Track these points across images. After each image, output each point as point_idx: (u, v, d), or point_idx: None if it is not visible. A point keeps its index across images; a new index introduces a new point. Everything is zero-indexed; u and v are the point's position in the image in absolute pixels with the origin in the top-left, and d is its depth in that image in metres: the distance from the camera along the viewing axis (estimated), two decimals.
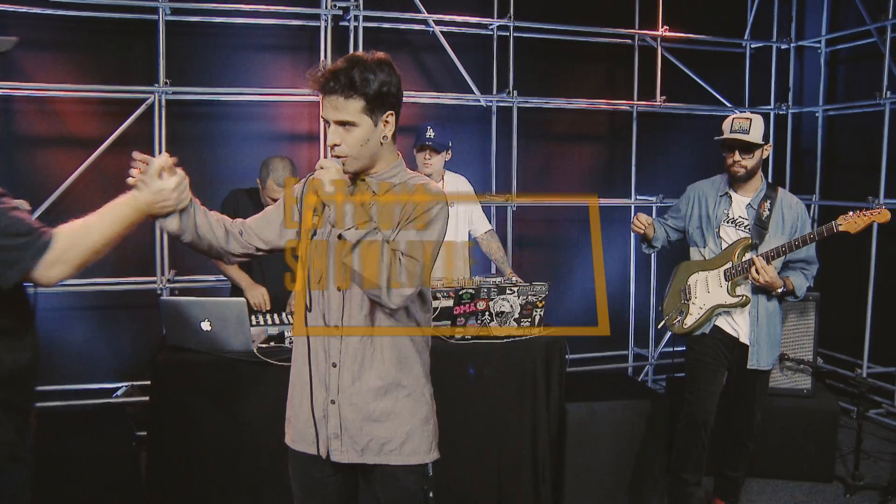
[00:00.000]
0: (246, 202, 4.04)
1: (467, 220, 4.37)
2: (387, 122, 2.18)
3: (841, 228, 3.32)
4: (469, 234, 4.42)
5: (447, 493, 3.53)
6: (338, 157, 2.16)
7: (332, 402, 2.25)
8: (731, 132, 3.46)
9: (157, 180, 2.09)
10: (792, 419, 4.32)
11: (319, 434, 2.27)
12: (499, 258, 4.40)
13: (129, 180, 2.10)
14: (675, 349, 5.46)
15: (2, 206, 1.89)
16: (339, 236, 2.09)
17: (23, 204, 2.03)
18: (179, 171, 2.14)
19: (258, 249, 2.44)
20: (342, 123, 2.12)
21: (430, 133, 4.13)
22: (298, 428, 2.34)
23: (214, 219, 2.34)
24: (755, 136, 3.41)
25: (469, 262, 4.41)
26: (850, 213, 3.35)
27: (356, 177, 2.26)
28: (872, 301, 5.31)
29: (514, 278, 3.99)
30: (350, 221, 2.08)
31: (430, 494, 2.35)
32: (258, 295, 3.94)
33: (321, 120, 4.92)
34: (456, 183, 4.36)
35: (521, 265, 4.45)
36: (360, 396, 2.24)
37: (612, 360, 5.92)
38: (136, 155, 2.11)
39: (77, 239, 1.97)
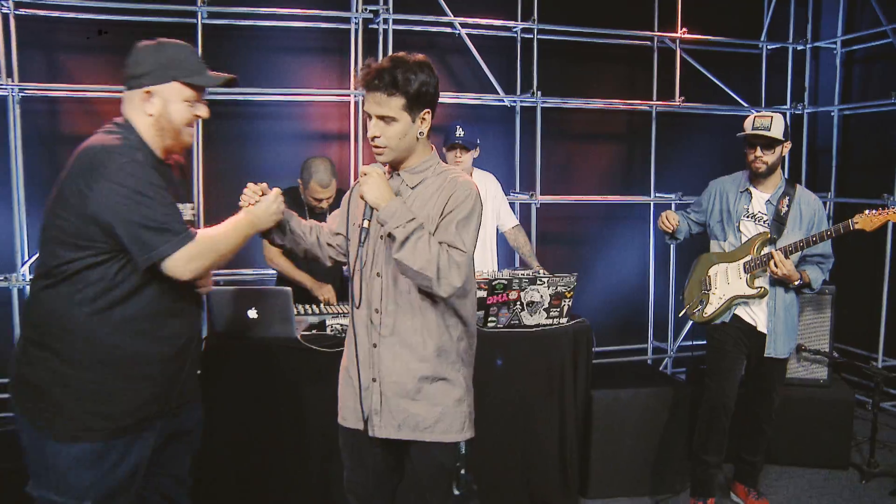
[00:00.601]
0: (287, 202, 4.20)
1: (495, 215, 4.53)
2: (423, 119, 2.37)
3: (857, 226, 3.46)
4: (496, 229, 4.59)
5: (478, 474, 3.68)
6: (376, 147, 2.36)
7: (374, 379, 2.44)
8: (752, 129, 3.61)
9: (263, 199, 2.41)
10: (809, 408, 4.46)
11: (364, 410, 2.46)
12: (526, 252, 4.57)
13: (241, 203, 2.41)
14: (695, 342, 5.64)
15: (160, 199, 2.18)
16: (389, 235, 2.28)
17: (186, 208, 2.39)
18: (275, 189, 2.45)
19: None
20: (383, 118, 2.31)
21: (460, 132, 4.30)
22: (346, 405, 2.54)
23: (307, 226, 2.64)
24: (776, 132, 3.57)
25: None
26: (867, 211, 3.49)
27: (393, 170, 2.46)
28: (888, 295, 5.44)
29: (541, 271, 4.16)
30: (398, 220, 2.26)
31: (462, 471, 2.49)
32: (326, 291, 4.11)
33: (352, 118, 5.19)
34: (485, 180, 4.52)
35: (544, 260, 4.59)
36: (399, 376, 2.43)
37: (632, 353, 6.06)
38: (250, 186, 2.44)
39: (214, 244, 2.28)
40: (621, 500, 4.03)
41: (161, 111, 2.30)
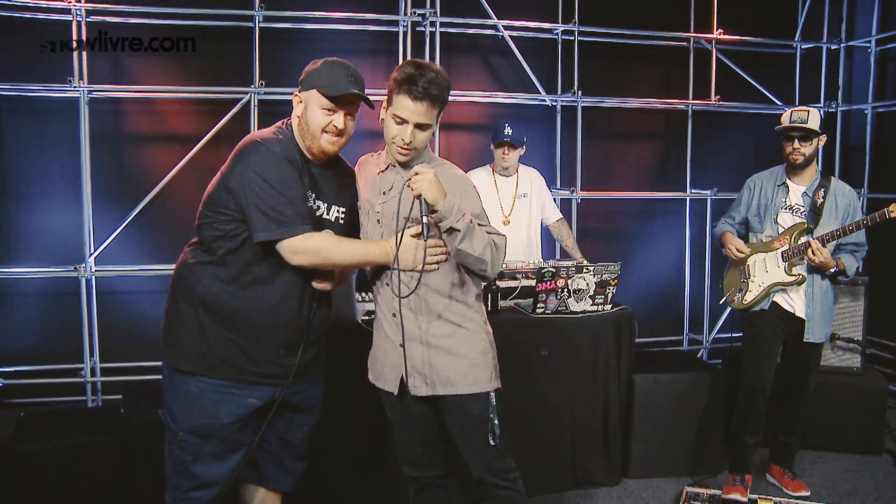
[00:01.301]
0: None
1: (540, 208, 4.74)
2: (437, 121, 2.64)
3: (893, 214, 3.63)
4: (542, 222, 4.80)
5: (526, 453, 3.92)
6: (406, 149, 2.57)
7: (401, 345, 2.66)
8: (790, 122, 3.79)
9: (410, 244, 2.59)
10: (843, 395, 4.61)
11: (399, 374, 2.72)
12: (569, 244, 4.77)
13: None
14: (732, 335, 5.81)
15: (283, 190, 2.48)
16: (449, 229, 2.49)
17: (333, 209, 2.70)
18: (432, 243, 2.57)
19: None
20: (421, 125, 2.54)
21: (508, 130, 4.50)
22: (382, 371, 2.80)
23: None
24: (813, 124, 3.75)
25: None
26: None
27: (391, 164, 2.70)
28: None
29: (584, 262, 4.36)
30: (457, 216, 2.48)
31: (496, 421, 2.69)
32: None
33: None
34: (530, 175, 4.74)
35: (584, 253, 4.79)
36: (426, 339, 2.67)
37: (668, 344, 6.22)
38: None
39: (325, 249, 2.55)
40: (660, 480, 4.21)
41: (303, 114, 2.58)
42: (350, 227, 2.78)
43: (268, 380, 2.64)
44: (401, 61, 5.35)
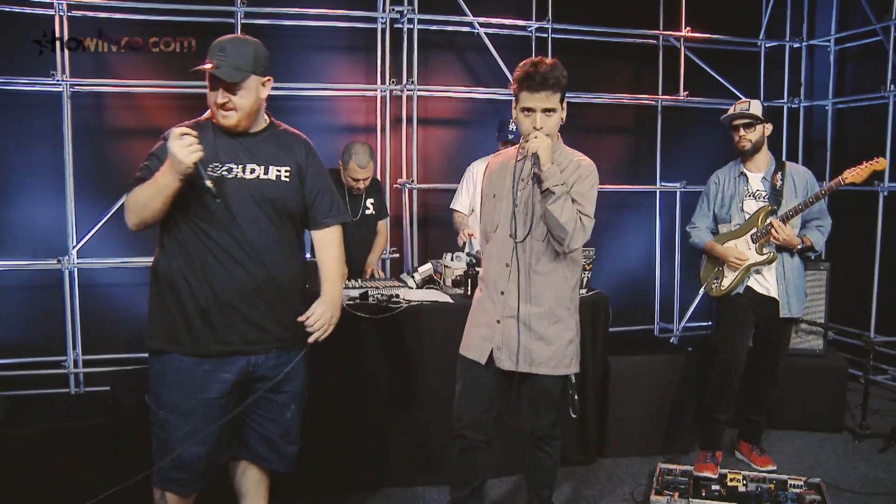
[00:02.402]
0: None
1: None
2: (564, 109, 2.97)
3: (847, 180, 3.91)
4: None
5: (504, 433, 4.05)
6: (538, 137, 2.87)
7: (498, 321, 3.01)
8: (734, 112, 4.08)
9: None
10: (806, 376, 4.82)
11: (490, 347, 3.04)
12: None
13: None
14: (702, 324, 6.01)
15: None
16: (547, 189, 2.84)
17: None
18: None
19: None
20: (546, 110, 2.87)
21: (513, 126, 4.64)
22: (473, 341, 3.13)
23: None
24: (755, 111, 4.02)
25: None
26: (852, 166, 3.91)
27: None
28: (878, 276, 5.80)
29: None
30: (557, 179, 2.84)
31: (576, 397, 3.08)
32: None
33: (378, 112, 5.52)
34: None
35: None
36: (522, 318, 2.97)
37: (640, 333, 6.39)
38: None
39: (135, 195, 2.64)
40: (635, 458, 4.38)
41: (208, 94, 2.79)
42: (296, 185, 2.85)
43: (232, 347, 2.71)
44: (379, 58, 5.49)
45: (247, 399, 2.83)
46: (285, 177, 2.80)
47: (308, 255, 3.28)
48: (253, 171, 2.74)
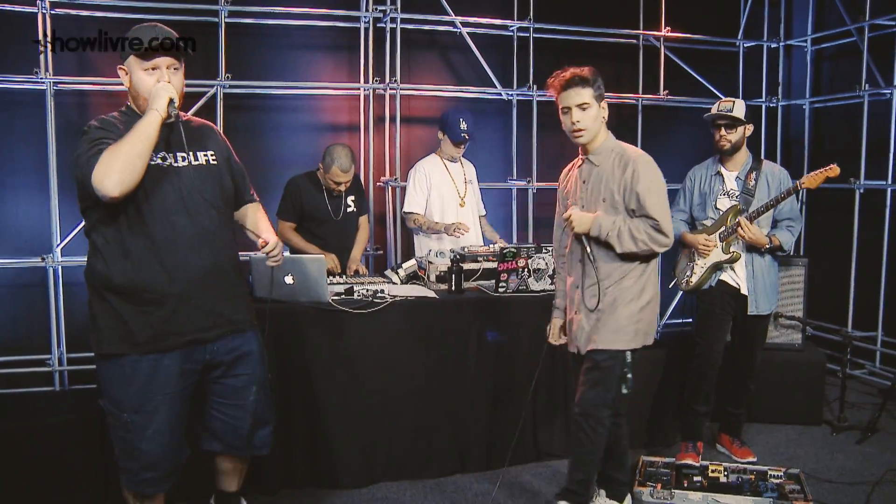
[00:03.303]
0: (307, 185, 4.61)
1: (477, 197, 5.08)
2: (603, 108, 3.27)
3: (804, 185, 3.98)
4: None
5: (489, 427, 4.12)
6: (579, 131, 3.22)
7: (577, 312, 3.37)
8: (717, 111, 4.11)
9: None
10: (785, 370, 4.89)
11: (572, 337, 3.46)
12: (491, 233, 5.12)
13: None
14: (682, 321, 6.07)
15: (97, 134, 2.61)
16: (608, 243, 3.22)
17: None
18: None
19: None
20: (581, 106, 3.17)
21: (465, 126, 4.73)
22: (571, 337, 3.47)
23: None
24: (738, 113, 4.07)
25: None
26: (809, 173, 4.01)
27: (584, 156, 3.36)
28: (855, 273, 5.91)
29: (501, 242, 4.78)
30: (606, 228, 3.20)
31: (629, 375, 3.27)
32: (330, 260, 4.50)
33: (362, 110, 5.57)
34: (469, 165, 5.10)
35: (540, 243, 5.01)
36: (594, 305, 3.28)
37: None
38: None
39: (115, 147, 2.51)
40: None
41: (130, 83, 2.70)
42: (224, 167, 2.90)
43: (187, 338, 2.72)
44: (362, 56, 5.53)
45: (209, 386, 2.90)
46: (213, 161, 2.85)
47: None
48: (183, 158, 2.75)
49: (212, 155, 2.86)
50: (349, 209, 4.73)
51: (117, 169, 2.45)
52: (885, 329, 5.79)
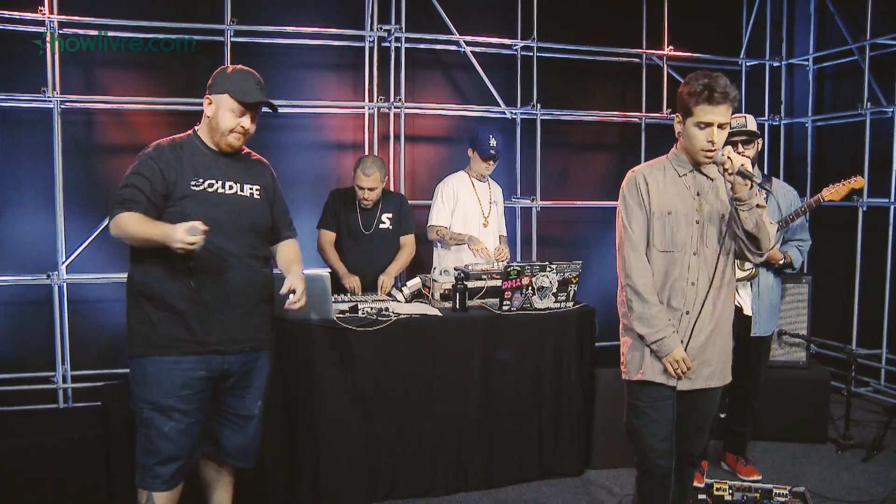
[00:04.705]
0: (344, 197, 4.71)
1: (500, 220, 5.08)
2: None
3: (827, 198, 3.96)
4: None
5: (494, 444, 4.12)
6: (712, 152, 2.81)
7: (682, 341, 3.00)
8: (731, 129, 4.06)
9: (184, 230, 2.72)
10: (790, 388, 4.88)
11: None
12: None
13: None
14: None
15: (139, 173, 2.83)
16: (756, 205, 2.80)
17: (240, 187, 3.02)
18: (197, 228, 2.70)
19: None
20: (722, 125, 2.80)
21: (494, 142, 4.74)
22: (655, 365, 3.06)
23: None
24: (752, 126, 4.06)
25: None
26: (831, 185, 3.97)
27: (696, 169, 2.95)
28: (859, 291, 5.90)
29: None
30: (750, 195, 2.76)
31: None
32: (352, 281, 4.53)
33: (366, 129, 5.59)
34: (496, 187, 5.10)
35: (543, 260, 5.02)
36: (700, 336, 2.99)
37: None
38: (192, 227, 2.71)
39: (126, 226, 2.74)
40: (622, 470, 4.41)
41: (213, 115, 2.92)
42: (266, 203, 3.08)
43: (208, 347, 2.88)
44: (367, 75, 5.57)
45: (219, 396, 3.03)
46: (257, 195, 3.05)
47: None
48: (231, 187, 2.97)
49: (257, 189, 3.05)
50: (382, 226, 4.73)
51: (122, 236, 2.76)
52: (889, 346, 5.78)
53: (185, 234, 2.59)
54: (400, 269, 4.79)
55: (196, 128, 3.02)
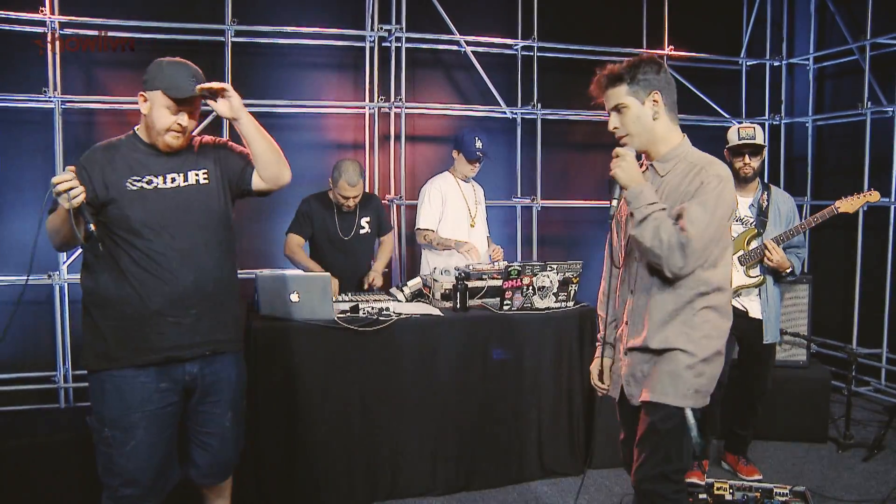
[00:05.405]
0: (317, 204, 4.63)
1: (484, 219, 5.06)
2: (655, 101, 2.57)
3: (840, 210, 3.94)
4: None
5: (495, 444, 4.12)
6: (620, 137, 2.63)
7: (625, 353, 2.74)
8: (740, 139, 4.05)
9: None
10: (790, 388, 4.88)
11: (618, 380, 2.82)
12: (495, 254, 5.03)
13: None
14: None
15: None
16: (631, 214, 2.51)
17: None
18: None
19: None
20: (616, 108, 2.60)
21: (480, 144, 4.72)
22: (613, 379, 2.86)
23: None
24: (760, 139, 4.03)
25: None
26: (845, 196, 3.96)
27: (648, 161, 2.68)
28: (860, 291, 5.90)
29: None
30: (640, 202, 2.47)
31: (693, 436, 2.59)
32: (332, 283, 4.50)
33: (367, 129, 5.61)
34: (479, 187, 5.09)
35: (543, 259, 5.03)
36: (638, 345, 2.67)
37: None
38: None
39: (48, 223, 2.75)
40: (621, 469, 4.39)
41: (148, 113, 2.78)
42: (217, 183, 2.89)
43: (163, 354, 2.74)
44: (367, 75, 5.57)
45: (188, 411, 2.92)
46: (204, 179, 2.85)
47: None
48: (174, 179, 2.79)
49: (204, 173, 2.86)
50: (362, 230, 4.71)
51: (51, 238, 2.73)
52: (889, 346, 5.78)
53: (53, 181, 2.49)
54: (384, 265, 4.83)
55: (136, 128, 2.88)
